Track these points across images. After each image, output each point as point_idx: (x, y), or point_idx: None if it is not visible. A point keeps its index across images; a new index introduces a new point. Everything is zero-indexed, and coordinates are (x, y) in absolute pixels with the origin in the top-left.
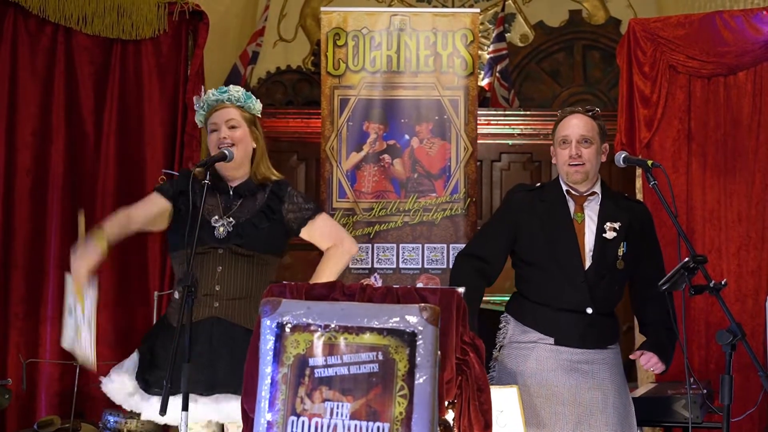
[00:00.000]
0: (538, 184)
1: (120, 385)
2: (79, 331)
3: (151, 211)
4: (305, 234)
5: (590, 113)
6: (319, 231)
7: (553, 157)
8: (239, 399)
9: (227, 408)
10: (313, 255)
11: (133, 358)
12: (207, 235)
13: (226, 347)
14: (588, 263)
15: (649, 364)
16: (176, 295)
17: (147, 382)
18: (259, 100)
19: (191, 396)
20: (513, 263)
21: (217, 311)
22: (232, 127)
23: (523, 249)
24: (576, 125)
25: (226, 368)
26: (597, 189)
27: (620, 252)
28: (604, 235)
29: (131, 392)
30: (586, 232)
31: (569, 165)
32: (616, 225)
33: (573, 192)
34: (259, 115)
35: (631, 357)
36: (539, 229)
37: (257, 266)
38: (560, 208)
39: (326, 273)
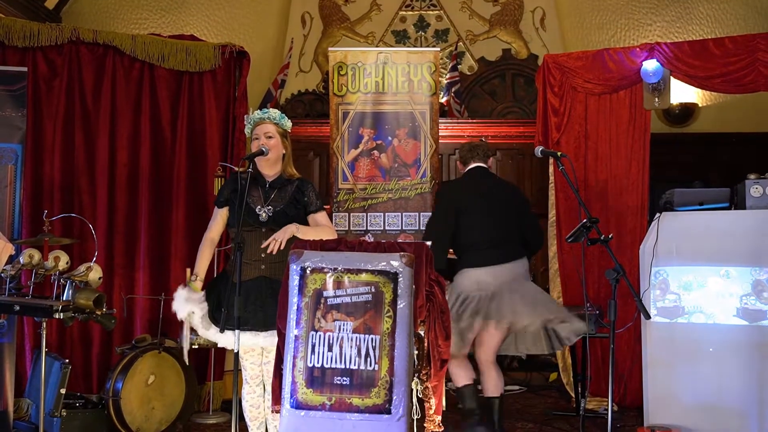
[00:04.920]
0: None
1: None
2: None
3: (221, 222)
4: (309, 218)
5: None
6: (314, 221)
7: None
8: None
9: (272, 338)
10: None
11: (204, 308)
12: (253, 219)
13: (272, 297)
14: None
15: None
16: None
17: (216, 320)
18: (290, 120)
19: (251, 332)
20: None
21: (264, 271)
22: (269, 137)
23: None
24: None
25: (273, 311)
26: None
27: None
28: None
29: (207, 327)
30: None
31: None
32: None
33: None
34: (289, 131)
35: None
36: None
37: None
38: None
39: (309, 233)
